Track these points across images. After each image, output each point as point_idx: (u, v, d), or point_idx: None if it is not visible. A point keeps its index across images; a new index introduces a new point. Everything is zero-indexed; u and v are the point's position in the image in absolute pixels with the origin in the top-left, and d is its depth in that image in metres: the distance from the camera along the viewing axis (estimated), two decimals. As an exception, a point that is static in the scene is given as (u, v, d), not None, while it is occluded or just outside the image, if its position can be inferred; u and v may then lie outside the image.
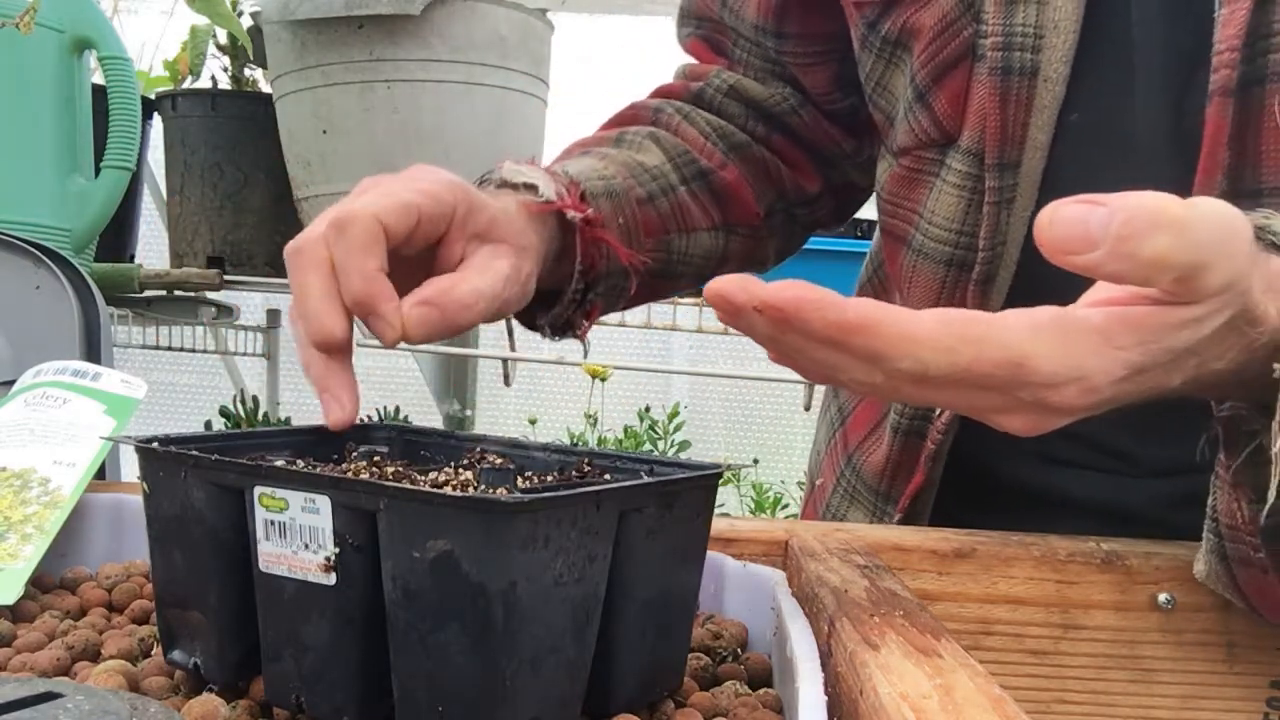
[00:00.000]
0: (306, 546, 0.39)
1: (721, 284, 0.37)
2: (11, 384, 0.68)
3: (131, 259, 1.78)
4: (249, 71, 1.76)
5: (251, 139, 1.67)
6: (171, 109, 1.71)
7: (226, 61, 1.75)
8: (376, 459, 0.47)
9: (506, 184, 0.63)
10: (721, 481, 0.46)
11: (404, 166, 0.56)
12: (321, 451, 0.50)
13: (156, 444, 0.44)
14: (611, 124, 0.83)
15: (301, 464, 0.44)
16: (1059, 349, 0.38)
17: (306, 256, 0.50)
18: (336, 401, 0.49)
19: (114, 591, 0.55)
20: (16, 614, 0.52)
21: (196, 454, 0.42)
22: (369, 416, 1.62)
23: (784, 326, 0.37)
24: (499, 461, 0.51)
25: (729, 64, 0.84)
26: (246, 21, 1.68)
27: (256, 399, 1.93)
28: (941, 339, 0.37)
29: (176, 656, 0.44)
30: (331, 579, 0.38)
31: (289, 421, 1.62)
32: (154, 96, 1.73)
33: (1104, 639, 0.59)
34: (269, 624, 0.41)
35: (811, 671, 0.39)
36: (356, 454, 0.50)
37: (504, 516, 0.35)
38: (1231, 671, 0.59)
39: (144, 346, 1.87)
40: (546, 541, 0.36)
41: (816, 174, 0.85)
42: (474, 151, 1.50)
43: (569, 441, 1.70)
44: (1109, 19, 0.61)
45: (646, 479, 0.43)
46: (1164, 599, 0.58)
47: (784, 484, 2.18)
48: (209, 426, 1.88)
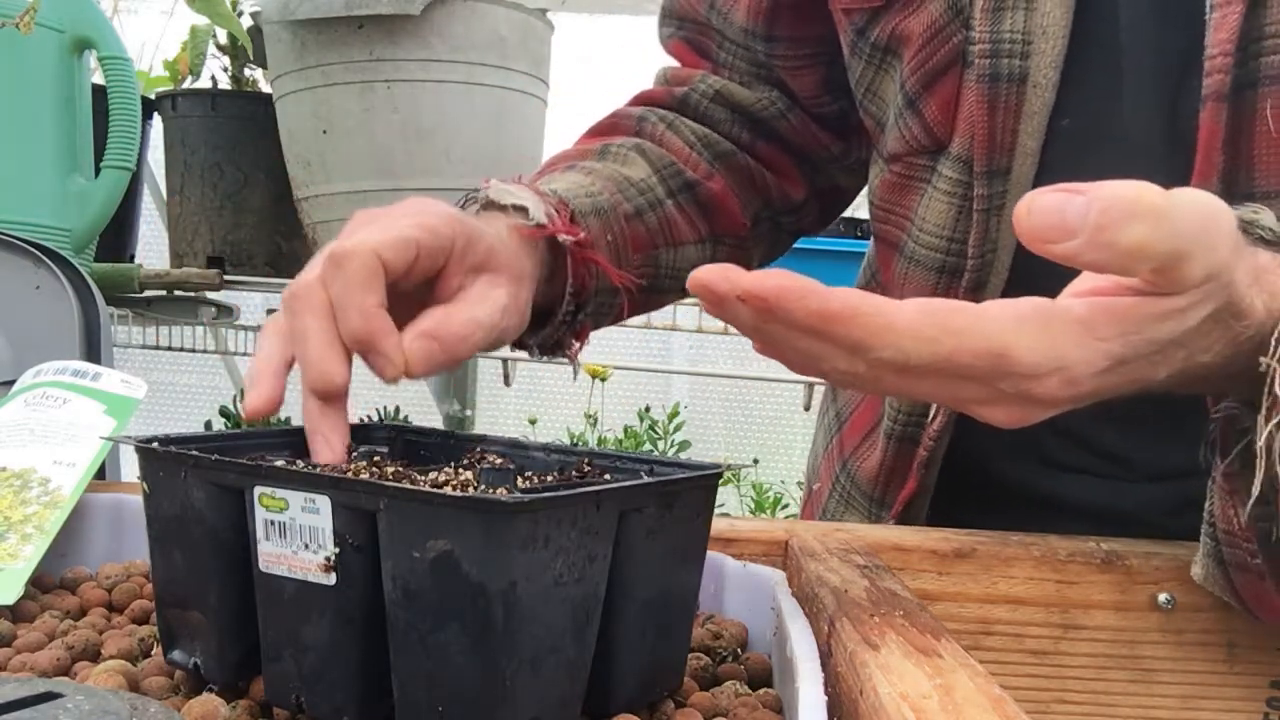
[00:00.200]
0: (306, 546, 0.39)
1: (705, 274, 0.37)
2: (11, 384, 0.68)
3: (131, 259, 1.78)
4: (249, 71, 1.76)
5: (251, 139, 1.67)
6: (171, 109, 1.71)
7: (226, 61, 1.75)
8: (376, 459, 0.47)
9: (493, 204, 0.61)
10: (721, 481, 0.46)
11: (404, 166, 0.55)
12: (322, 451, 0.50)
13: (156, 444, 0.44)
14: (594, 134, 0.82)
15: (301, 464, 0.44)
16: (1041, 340, 0.38)
17: (303, 301, 0.48)
18: (327, 444, 0.48)
19: (114, 591, 0.55)
20: (16, 614, 0.52)
21: (196, 454, 0.42)
22: (369, 416, 1.62)
23: (767, 315, 0.37)
24: (499, 461, 0.51)
25: (713, 67, 0.83)
26: (246, 21, 1.68)
27: (256, 399, 1.92)
28: (923, 329, 0.37)
29: (176, 656, 0.44)
30: (331, 579, 0.38)
31: (289, 421, 1.62)
32: (154, 96, 1.73)
33: (1104, 639, 0.59)
34: (269, 624, 0.41)
35: (811, 671, 0.39)
36: (356, 454, 0.50)
37: (504, 516, 0.35)
38: (1231, 671, 0.59)
39: (144, 346, 1.87)
40: (546, 541, 0.36)
41: (802, 180, 0.84)
42: (474, 151, 1.50)
43: (569, 441, 1.70)
44: (1098, 24, 0.61)
45: (646, 479, 0.43)
46: (1164, 599, 0.58)
47: (784, 484, 2.18)
48: (209, 426, 1.88)
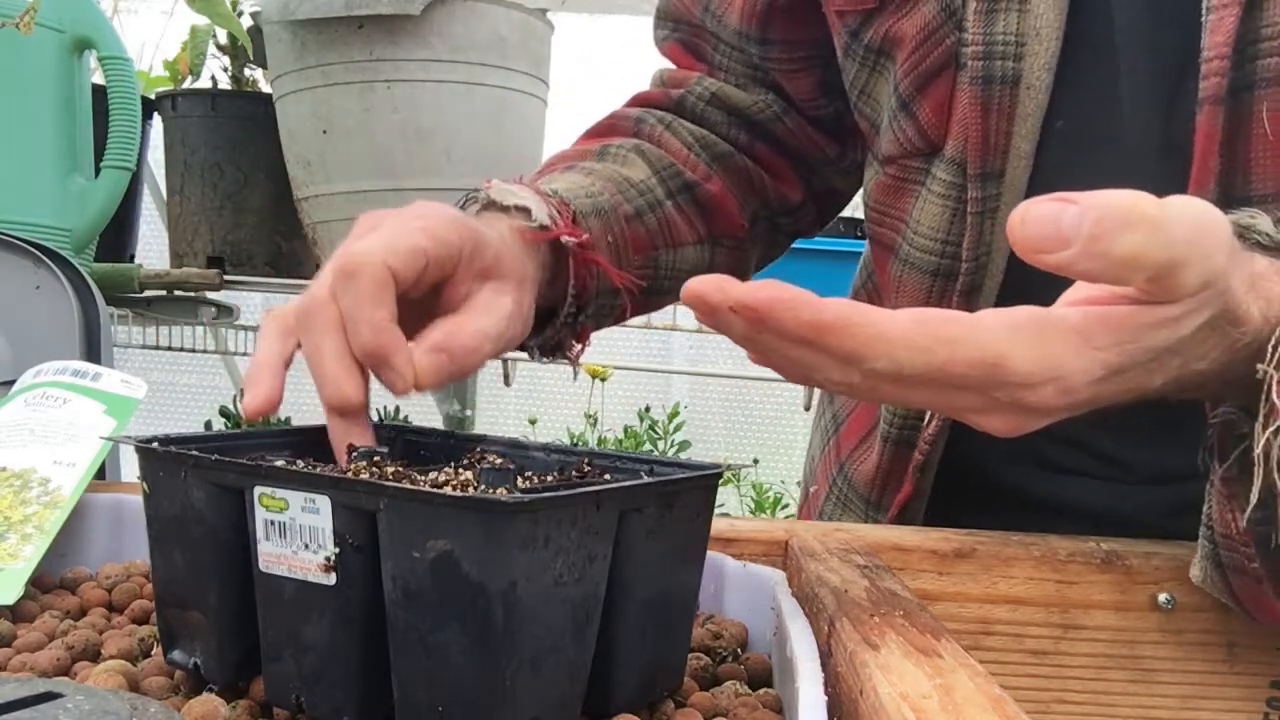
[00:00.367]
0: (306, 546, 0.39)
1: (698, 284, 0.37)
2: (11, 384, 0.68)
3: (131, 259, 1.78)
4: (249, 71, 1.76)
5: (251, 139, 1.67)
6: (171, 109, 1.71)
7: (226, 61, 1.75)
8: (376, 459, 0.47)
9: (494, 205, 0.61)
10: (721, 481, 0.46)
11: (404, 166, 0.55)
12: (321, 451, 0.50)
13: (156, 444, 0.44)
14: (592, 135, 0.81)
15: (301, 464, 0.44)
16: (1036, 349, 0.38)
17: (316, 318, 0.49)
18: None
19: (114, 591, 0.55)
20: (16, 614, 0.52)
21: (196, 454, 0.42)
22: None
23: (760, 326, 0.37)
24: (499, 461, 0.51)
25: (709, 69, 0.83)
26: (246, 21, 1.68)
27: (256, 399, 1.92)
28: (916, 339, 0.37)
29: (176, 656, 0.44)
30: (331, 579, 0.38)
31: (289, 421, 1.62)
32: (154, 96, 1.73)
33: (1104, 639, 0.59)
34: (269, 624, 0.41)
35: (811, 671, 0.39)
36: (356, 454, 0.49)
37: (504, 516, 0.35)
38: (1231, 671, 0.59)
39: (144, 346, 1.87)
40: (546, 541, 0.36)
41: (799, 182, 0.84)
42: (474, 151, 1.50)
43: (569, 441, 1.70)
44: (1092, 25, 0.60)
45: (646, 479, 0.43)
46: (1164, 599, 0.58)
47: (784, 484, 2.18)
48: (209, 426, 1.88)
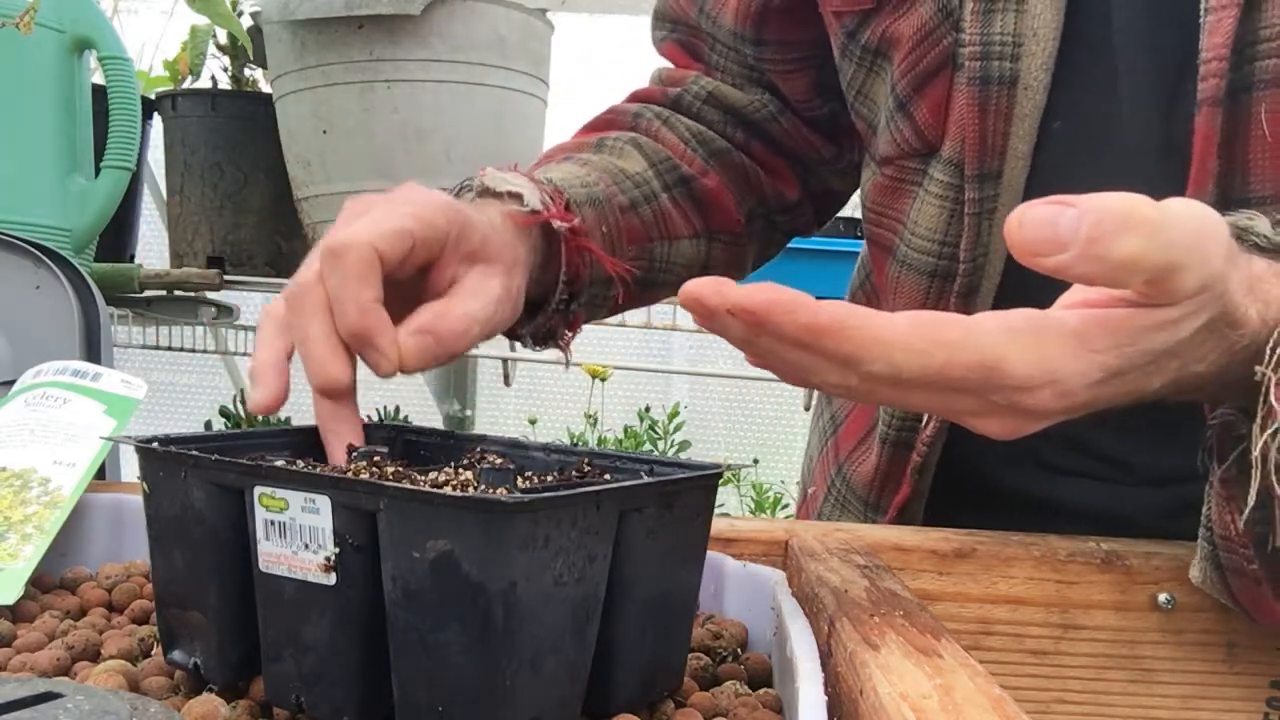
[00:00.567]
0: (306, 546, 0.39)
1: (695, 287, 0.37)
2: (11, 384, 0.68)
3: (131, 259, 1.78)
4: (249, 71, 1.76)
5: (251, 139, 1.67)
6: (171, 109, 1.71)
7: (226, 61, 1.75)
8: (376, 459, 0.47)
9: (489, 191, 0.61)
10: (721, 481, 0.46)
11: (404, 166, 0.55)
12: (321, 451, 0.50)
13: (156, 444, 0.44)
14: (590, 129, 0.82)
15: (301, 464, 0.44)
16: (1033, 352, 0.38)
17: (304, 300, 0.49)
18: (341, 444, 0.49)
19: (114, 591, 0.55)
20: (16, 614, 0.52)
21: (196, 454, 0.42)
22: (369, 417, 1.62)
23: (757, 329, 0.37)
24: (499, 461, 0.51)
25: (706, 69, 0.83)
26: (246, 21, 1.68)
27: (256, 399, 1.92)
28: (913, 342, 0.37)
29: (176, 656, 0.44)
30: (331, 579, 0.38)
31: (289, 421, 1.62)
32: (154, 96, 1.73)
33: (1104, 639, 0.59)
34: (269, 624, 0.41)
35: (811, 671, 0.39)
36: (356, 454, 0.50)
37: (504, 516, 0.35)
38: (1231, 671, 0.59)
39: (144, 346, 1.87)
40: (546, 541, 0.36)
41: (795, 181, 0.84)
42: (474, 151, 1.50)
43: (569, 441, 1.70)
44: (1090, 26, 0.60)
45: (646, 479, 0.43)
46: (1164, 599, 0.58)
47: (784, 484, 2.18)
48: (209, 426, 1.88)
